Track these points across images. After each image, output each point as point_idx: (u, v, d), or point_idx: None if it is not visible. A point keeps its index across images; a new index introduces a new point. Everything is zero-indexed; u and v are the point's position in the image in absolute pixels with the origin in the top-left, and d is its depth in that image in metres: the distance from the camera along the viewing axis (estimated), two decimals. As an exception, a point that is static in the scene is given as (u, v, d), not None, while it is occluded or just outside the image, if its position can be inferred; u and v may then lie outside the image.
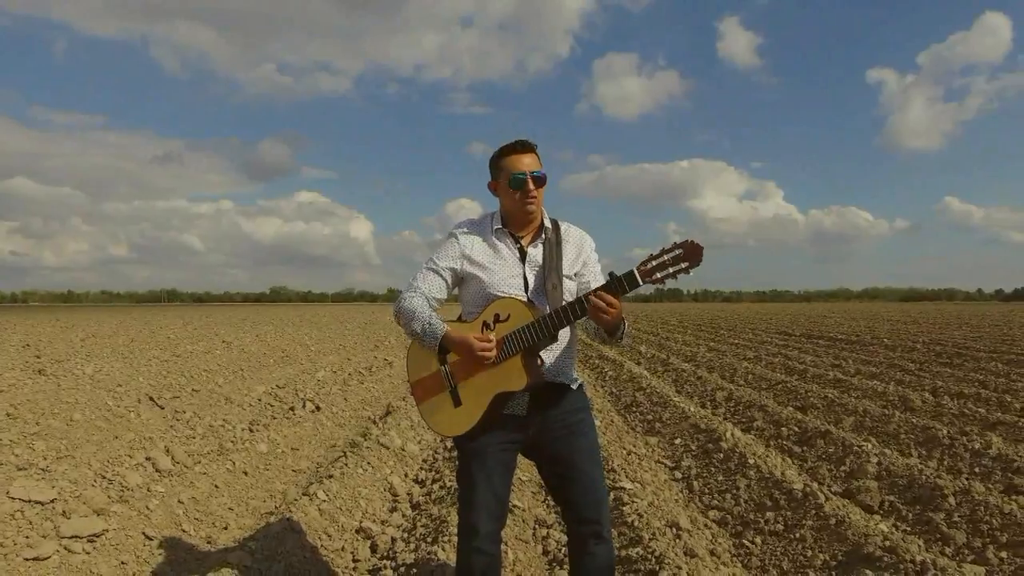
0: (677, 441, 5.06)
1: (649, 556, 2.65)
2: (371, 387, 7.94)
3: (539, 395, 2.03)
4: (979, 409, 5.81)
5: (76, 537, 3.00)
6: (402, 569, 2.70)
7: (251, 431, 5.44)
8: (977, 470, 4.07)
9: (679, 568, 2.55)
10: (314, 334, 17.86)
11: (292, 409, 6.40)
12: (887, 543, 2.73)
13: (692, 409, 5.92)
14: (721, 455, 4.40)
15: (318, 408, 6.26)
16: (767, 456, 4.31)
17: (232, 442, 5.04)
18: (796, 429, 5.16)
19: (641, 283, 1.88)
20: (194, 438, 5.02)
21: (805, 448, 4.72)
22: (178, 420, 5.45)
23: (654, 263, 1.87)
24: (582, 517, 2.07)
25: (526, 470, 4.03)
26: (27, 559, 2.91)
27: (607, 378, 8.87)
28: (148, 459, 4.30)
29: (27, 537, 3.03)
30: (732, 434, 4.77)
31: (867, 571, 2.53)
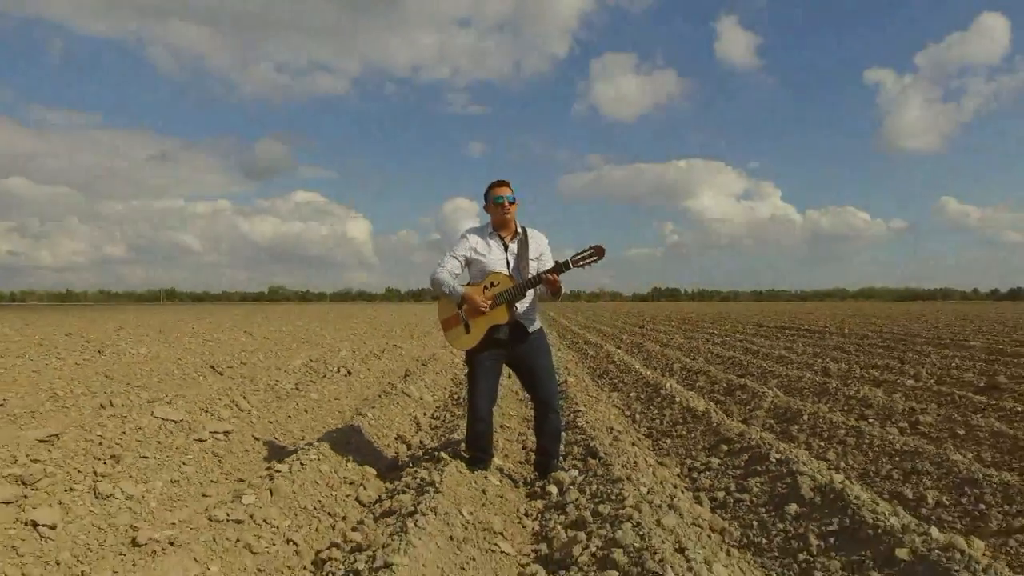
0: (632, 394, 6.55)
1: (590, 442, 4.12)
2: (387, 362, 9.41)
3: (514, 329, 3.50)
4: (879, 375, 7.30)
5: (214, 433, 4.47)
6: (429, 449, 4.18)
7: (298, 389, 6.92)
8: (842, 406, 5.57)
9: (608, 449, 4.02)
10: (325, 326, 19.29)
11: (325, 376, 7.87)
12: (746, 436, 4.20)
13: (648, 374, 7.41)
14: (660, 399, 5.89)
15: (349, 373, 7.74)
16: (693, 398, 5.80)
17: (287, 395, 6.51)
18: (725, 385, 6.65)
19: (571, 267, 3.36)
20: (257, 391, 6.49)
21: (727, 396, 6.21)
22: (240, 382, 6.92)
23: (579, 256, 3.35)
24: (541, 399, 3.55)
25: (514, 409, 5.51)
26: (176, 449, 4.38)
27: (588, 356, 10.36)
28: (232, 402, 5.78)
29: (172, 437, 4.50)
30: (671, 386, 6.26)
31: (724, 447, 4.02)
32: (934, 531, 2.41)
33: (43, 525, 2.68)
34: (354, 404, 6.29)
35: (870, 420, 5.02)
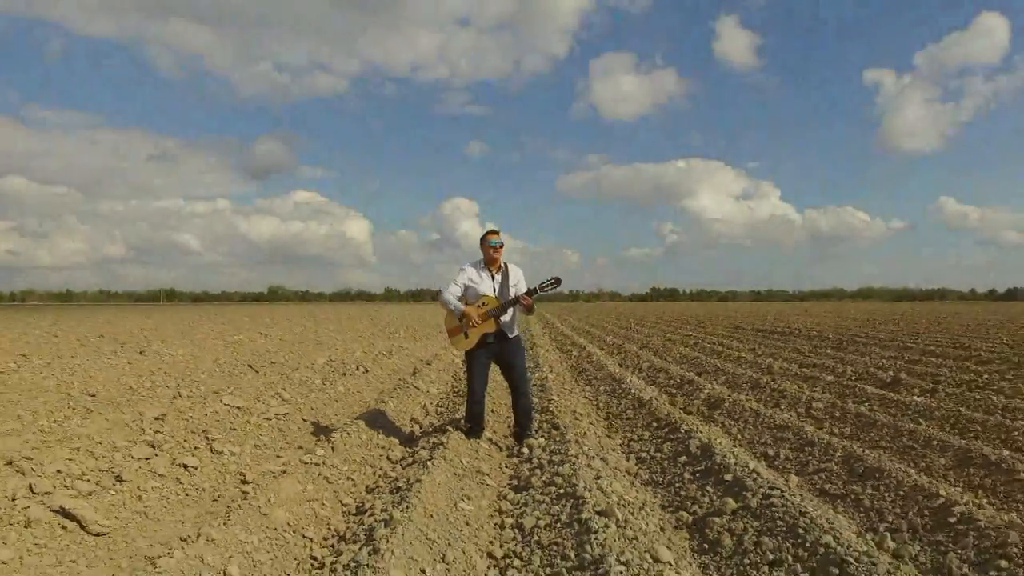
0: (600, 387, 7.98)
1: (557, 422, 5.54)
2: (396, 361, 10.83)
3: (499, 335, 4.92)
4: (810, 372, 8.72)
5: (277, 415, 5.88)
6: (436, 426, 5.60)
7: (325, 383, 8.33)
8: (763, 397, 6.99)
9: (567, 425, 5.44)
10: (333, 328, 20.66)
11: (345, 374, 9.29)
12: (671, 417, 5.61)
13: (618, 371, 8.84)
14: (620, 391, 7.32)
15: (367, 371, 9.16)
16: (647, 390, 7.23)
17: (318, 388, 7.93)
18: (678, 380, 8.09)
19: (538, 292, 4.78)
20: (293, 385, 7.90)
21: (676, 389, 7.65)
22: (277, 378, 8.33)
23: (543, 284, 4.78)
24: (515, 387, 4.98)
25: (504, 400, 6.92)
26: (250, 425, 5.78)
27: (572, 356, 11.80)
28: (276, 394, 7.20)
29: (243, 418, 5.91)
30: (631, 381, 7.69)
31: (654, 424, 5.45)
32: (763, 470, 3.83)
33: (190, 467, 4.10)
34: (374, 395, 7.71)
35: (781, 407, 6.45)
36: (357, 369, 9.22)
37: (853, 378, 8.32)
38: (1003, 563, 2.58)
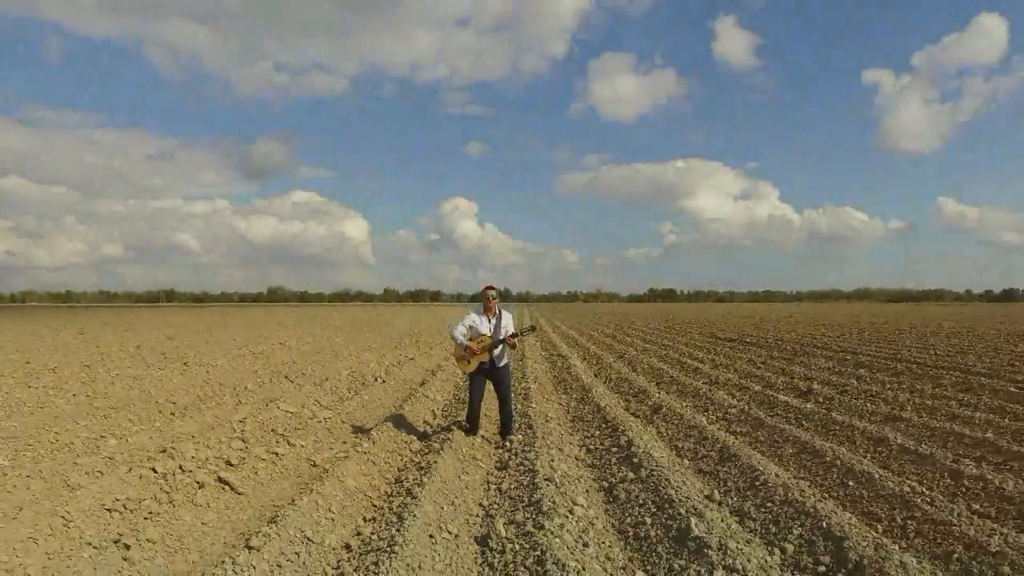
0: (573, 396, 9.96)
1: (532, 424, 7.51)
2: (407, 372, 12.81)
3: (492, 363, 6.90)
4: (747, 383, 10.70)
5: (325, 416, 7.86)
6: (443, 427, 7.58)
7: (351, 392, 10.30)
8: (696, 403, 8.96)
9: (539, 426, 7.41)
10: (343, 339, 22.59)
11: (365, 384, 11.26)
12: (615, 419, 7.58)
13: (589, 382, 10.83)
14: (587, 399, 9.30)
15: (384, 381, 11.14)
16: (608, 398, 9.21)
17: (347, 397, 9.90)
18: (636, 389, 10.08)
19: (520, 335, 6.79)
20: (326, 395, 9.88)
21: (633, 397, 9.62)
22: (311, 388, 10.30)
23: (524, 330, 6.80)
24: (502, 399, 6.99)
25: (493, 407, 8.91)
26: (305, 426, 7.76)
27: (556, 367, 13.79)
28: (315, 401, 9.18)
29: (296, 420, 7.88)
30: (597, 391, 9.68)
31: (604, 425, 7.43)
32: (663, 457, 5.81)
33: (279, 454, 6.08)
34: (392, 402, 9.68)
35: (707, 412, 8.42)
36: (375, 380, 11.21)
37: (779, 387, 10.31)
38: (763, 493, 4.57)
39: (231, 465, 5.78)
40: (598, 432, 7.34)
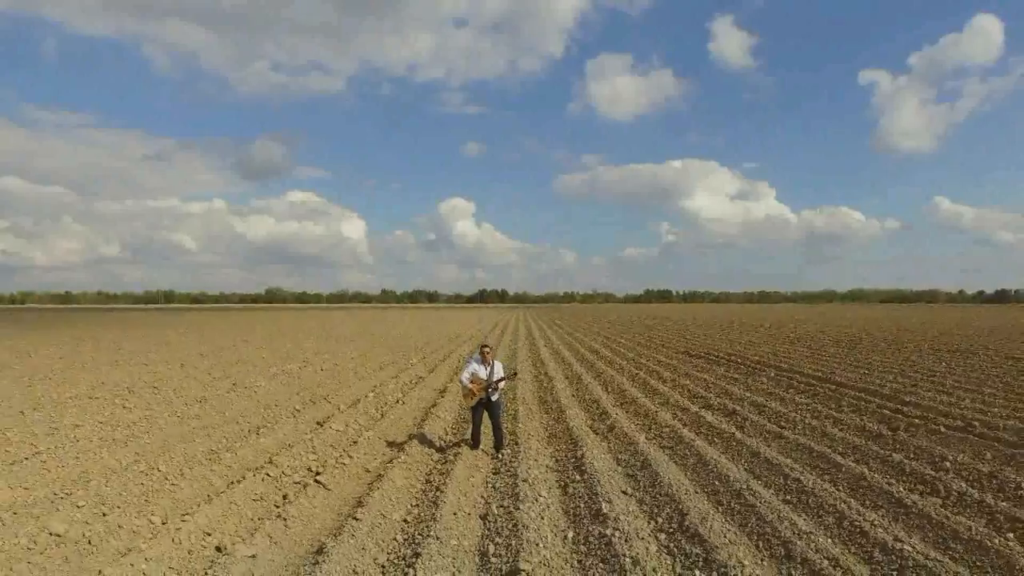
0: (553, 415, 12.90)
1: (518, 440, 10.44)
2: (420, 393, 15.75)
3: (488, 399, 9.86)
4: (689, 403, 13.64)
5: (368, 435, 10.82)
6: (453, 439, 10.52)
7: (379, 413, 13.23)
8: (643, 422, 11.92)
9: (523, 442, 10.33)
10: (354, 352, 25.44)
11: (387, 405, 14.20)
12: (579, 435, 10.51)
13: (566, 403, 13.78)
14: (563, 418, 12.25)
15: (403, 403, 14.10)
16: (578, 418, 12.15)
17: (378, 417, 12.81)
18: (601, 411, 13.02)
19: (507, 378, 9.78)
20: (362, 416, 12.81)
21: (597, 419, 12.57)
22: (347, 410, 13.23)
23: (507, 374, 9.77)
24: (495, 424, 9.99)
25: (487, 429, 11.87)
26: (360, 439, 10.68)
27: (542, 387, 16.76)
28: (355, 420, 12.12)
29: (350, 436, 10.82)
30: (571, 412, 12.65)
31: (564, 435, 10.39)
32: (598, 462, 8.77)
33: (345, 463, 9.02)
34: (412, 421, 12.62)
35: (649, 431, 11.35)
36: (397, 403, 14.16)
37: (713, 407, 13.27)
38: (657, 488, 7.52)
39: (317, 471, 8.71)
40: (564, 446, 10.29)
